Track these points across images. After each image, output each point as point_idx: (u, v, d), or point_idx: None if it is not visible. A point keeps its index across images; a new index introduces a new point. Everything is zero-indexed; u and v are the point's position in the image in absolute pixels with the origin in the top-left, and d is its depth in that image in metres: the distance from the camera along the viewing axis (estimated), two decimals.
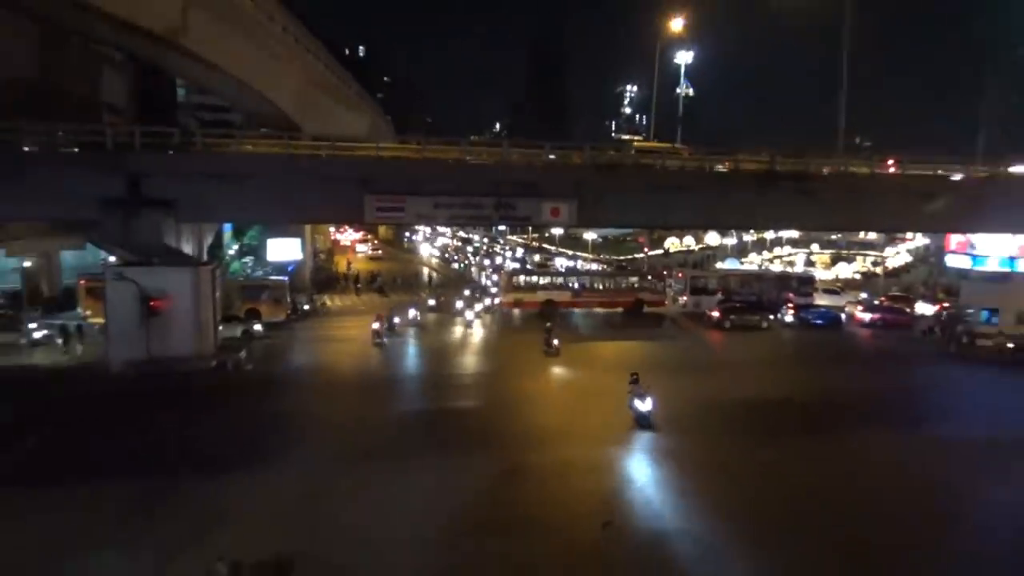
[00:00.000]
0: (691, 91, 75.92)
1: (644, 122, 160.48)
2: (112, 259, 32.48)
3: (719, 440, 21.93)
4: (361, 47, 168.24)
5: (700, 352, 37.51)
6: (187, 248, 31.90)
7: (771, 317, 44.23)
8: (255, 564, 12.16)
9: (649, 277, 49.89)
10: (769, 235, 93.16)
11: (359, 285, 61.83)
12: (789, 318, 45.04)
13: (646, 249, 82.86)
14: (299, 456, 19.57)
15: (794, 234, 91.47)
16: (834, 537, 15.23)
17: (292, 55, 47.25)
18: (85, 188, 27.97)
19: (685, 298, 48.49)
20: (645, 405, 22.09)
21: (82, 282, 38.58)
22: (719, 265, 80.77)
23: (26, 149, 28.11)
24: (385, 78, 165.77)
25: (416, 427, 23.13)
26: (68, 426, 22.19)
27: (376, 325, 36.85)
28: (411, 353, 35.84)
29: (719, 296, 47.08)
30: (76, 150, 29.09)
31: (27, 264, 38.23)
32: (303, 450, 20.13)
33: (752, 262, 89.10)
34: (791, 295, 48.08)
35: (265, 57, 44.48)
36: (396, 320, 40.14)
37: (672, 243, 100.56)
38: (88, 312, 36.95)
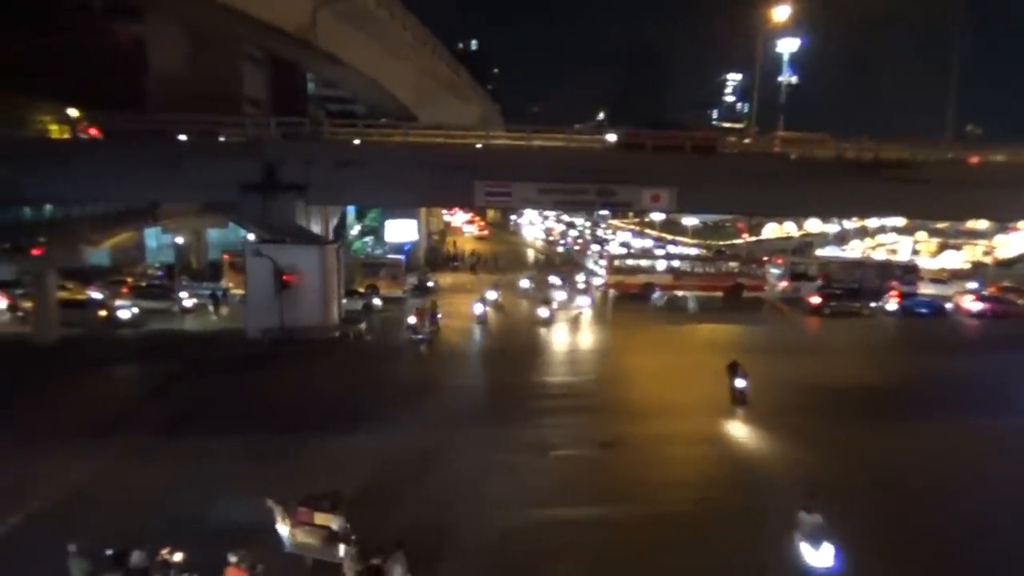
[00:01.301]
0: (795, 79, 72.50)
1: (746, 111, 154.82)
2: (251, 237, 34.28)
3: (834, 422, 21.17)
4: (474, 41, 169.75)
5: (801, 337, 36.11)
6: (315, 228, 33.27)
7: (872, 305, 41.94)
8: (306, 498, 12.15)
9: (752, 264, 48.17)
10: (872, 223, 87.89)
11: (456, 263, 61.94)
12: (892, 306, 42.52)
13: (745, 235, 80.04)
14: (411, 417, 20.32)
15: (899, 222, 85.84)
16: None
17: (410, 50, 48.15)
18: (228, 174, 29.67)
19: (785, 283, 46.65)
20: (822, 553, 12.09)
21: (226, 257, 41.15)
22: (818, 252, 77.02)
23: (180, 139, 30.02)
24: (495, 70, 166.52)
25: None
26: (215, 384, 23.77)
27: (413, 320, 30.95)
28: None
29: (819, 282, 45.04)
30: (221, 139, 30.84)
31: (179, 241, 41.21)
32: (415, 412, 20.86)
33: (853, 249, 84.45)
34: (895, 283, 45.42)
35: (385, 52, 45.55)
36: (439, 315, 32.47)
37: (771, 229, 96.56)
38: (230, 284, 39.34)
